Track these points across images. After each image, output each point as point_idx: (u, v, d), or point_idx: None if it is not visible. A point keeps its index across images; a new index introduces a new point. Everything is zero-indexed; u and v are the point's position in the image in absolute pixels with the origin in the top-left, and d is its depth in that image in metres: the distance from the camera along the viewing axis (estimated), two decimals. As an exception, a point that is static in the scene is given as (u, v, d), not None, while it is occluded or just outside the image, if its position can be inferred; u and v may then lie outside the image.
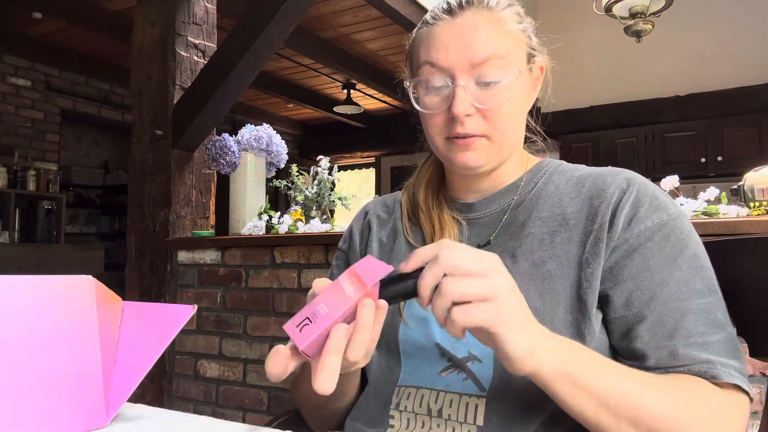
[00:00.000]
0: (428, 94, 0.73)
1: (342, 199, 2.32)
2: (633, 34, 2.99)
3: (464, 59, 0.70)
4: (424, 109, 0.74)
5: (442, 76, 0.71)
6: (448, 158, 0.74)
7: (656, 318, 0.63)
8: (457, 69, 0.70)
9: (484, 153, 0.72)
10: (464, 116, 0.70)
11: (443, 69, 0.71)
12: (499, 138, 0.72)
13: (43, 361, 0.53)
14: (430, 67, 0.72)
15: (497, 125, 0.71)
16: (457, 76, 0.70)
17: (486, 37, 0.70)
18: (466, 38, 0.70)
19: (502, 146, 0.73)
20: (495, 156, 0.74)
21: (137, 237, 2.44)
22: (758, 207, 1.59)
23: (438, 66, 0.71)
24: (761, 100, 4.50)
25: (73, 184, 6.12)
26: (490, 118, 0.71)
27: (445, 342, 0.71)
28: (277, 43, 2.33)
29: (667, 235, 0.66)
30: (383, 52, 5.17)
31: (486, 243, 0.75)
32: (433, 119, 0.73)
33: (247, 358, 2.15)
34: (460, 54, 0.70)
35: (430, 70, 0.72)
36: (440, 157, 0.77)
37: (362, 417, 0.75)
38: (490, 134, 0.71)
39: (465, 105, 0.69)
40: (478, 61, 0.69)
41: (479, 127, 0.71)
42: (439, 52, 0.71)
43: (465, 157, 0.72)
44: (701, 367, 0.60)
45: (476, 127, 0.71)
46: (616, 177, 0.71)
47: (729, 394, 0.60)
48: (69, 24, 4.44)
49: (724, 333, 0.63)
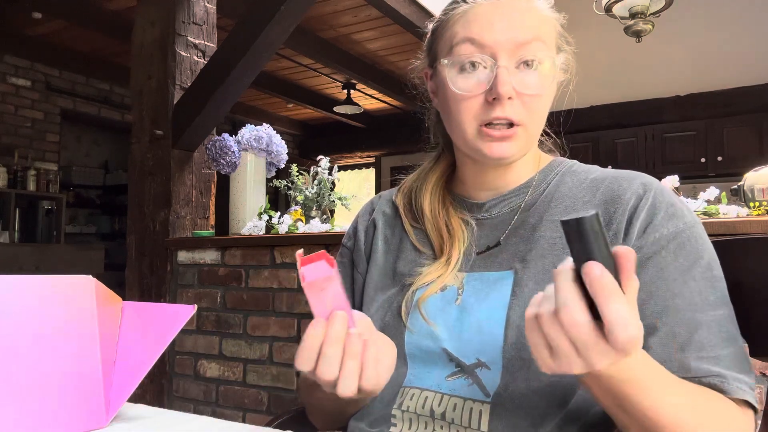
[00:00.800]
0: (462, 74, 0.69)
1: (342, 199, 2.32)
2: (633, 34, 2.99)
3: (510, 37, 0.67)
4: (458, 91, 0.69)
5: (483, 55, 0.68)
6: (479, 148, 0.70)
7: (668, 329, 0.62)
8: (500, 48, 0.67)
9: (518, 142, 0.70)
10: (507, 98, 0.67)
11: (486, 47, 0.68)
12: (533, 128, 0.71)
13: (43, 361, 0.53)
14: (471, 45, 0.68)
15: (534, 113, 0.69)
16: (499, 56, 0.67)
17: (531, 19, 0.69)
18: (512, 18, 0.68)
19: (533, 137, 0.72)
20: (525, 147, 0.72)
21: (137, 237, 2.44)
22: (758, 207, 1.59)
23: (480, 43, 0.68)
24: (761, 100, 4.50)
25: (73, 184, 6.12)
26: (528, 105, 0.69)
27: (453, 348, 0.70)
28: (277, 43, 2.33)
29: (682, 244, 0.65)
30: (383, 52, 5.17)
31: (496, 245, 0.74)
32: (466, 103, 0.69)
33: (247, 358, 2.15)
34: (506, 33, 0.68)
35: (470, 49, 0.69)
36: (467, 146, 0.73)
37: (366, 417, 0.74)
38: (526, 122, 0.69)
39: (509, 86, 0.66)
40: (522, 40, 0.67)
41: (518, 113, 0.68)
42: (483, 29, 0.68)
43: (501, 148, 0.69)
44: (713, 380, 0.59)
45: (515, 112, 0.68)
46: (633, 182, 0.69)
47: (739, 409, 0.60)
48: (69, 24, 4.44)
49: (736, 346, 0.62)
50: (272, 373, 2.09)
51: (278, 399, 2.08)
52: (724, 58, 4.59)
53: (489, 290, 0.71)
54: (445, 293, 0.74)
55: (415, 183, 0.84)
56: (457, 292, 0.73)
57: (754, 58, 4.50)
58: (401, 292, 0.76)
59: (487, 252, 0.74)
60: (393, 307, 0.75)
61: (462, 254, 0.75)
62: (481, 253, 0.75)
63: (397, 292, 0.77)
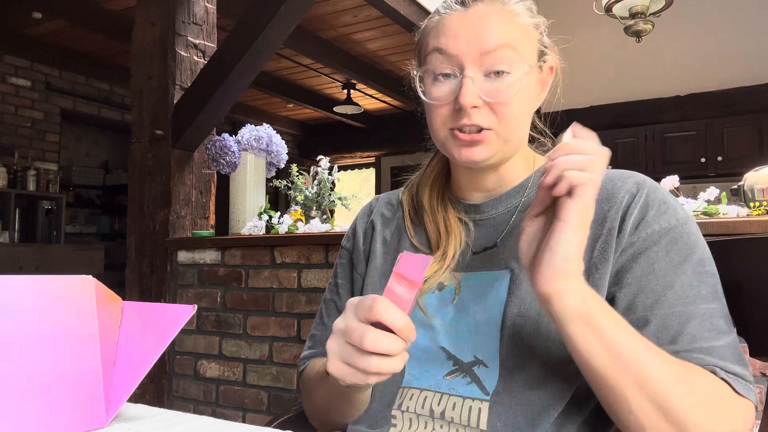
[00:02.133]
0: (435, 84, 0.72)
1: (342, 199, 2.32)
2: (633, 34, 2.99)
3: (474, 47, 0.69)
4: (430, 100, 0.72)
5: (450, 64, 0.70)
6: (451, 152, 0.73)
7: (660, 322, 0.62)
8: (466, 58, 0.69)
9: (489, 146, 0.71)
10: (471, 107, 0.68)
11: (452, 57, 0.70)
12: (505, 132, 0.71)
13: (43, 361, 0.53)
14: (439, 54, 0.71)
15: (504, 119, 0.70)
16: (465, 66, 0.69)
17: (497, 27, 0.70)
18: (477, 27, 0.69)
19: (507, 141, 0.72)
20: (500, 150, 0.72)
21: (137, 237, 2.44)
22: (758, 207, 1.59)
23: (447, 53, 0.70)
24: (761, 100, 4.50)
25: (73, 184, 6.12)
26: (498, 112, 0.70)
27: (450, 346, 0.70)
28: (277, 43, 2.33)
29: (674, 239, 0.65)
30: (383, 52, 5.17)
31: (492, 246, 0.74)
32: (438, 110, 0.71)
33: (247, 358, 2.15)
34: (470, 42, 0.69)
35: (438, 58, 0.71)
36: (443, 150, 0.75)
37: (365, 419, 0.74)
38: (496, 127, 0.70)
39: (472, 96, 0.68)
40: (487, 48, 0.68)
41: (486, 120, 0.69)
42: (449, 39, 0.70)
43: (470, 152, 0.71)
44: (707, 369, 0.60)
45: (483, 119, 0.69)
46: (626, 181, 0.70)
47: (736, 395, 0.60)
48: (69, 24, 4.44)
49: (729, 339, 0.62)
50: (272, 373, 2.09)
51: (278, 399, 2.08)
52: (724, 58, 4.59)
53: (486, 289, 0.71)
54: (443, 293, 0.74)
55: (416, 179, 0.86)
56: (454, 291, 0.73)
57: (754, 58, 4.49)
58: None
59: (484, 252, 0.75)
60: None
61: (459, 253, 0.76)
62: (478, 253, 0.75)
63: None
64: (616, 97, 5.01)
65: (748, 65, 4.51)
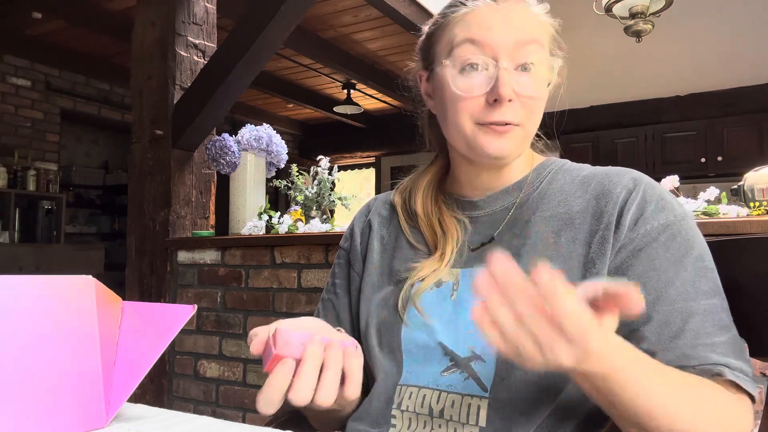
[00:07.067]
0: (464, 75, 0.70)
1: (342, 199, 2.33)
2: (633, 34, 2.99)
3: (510, 38, 0.68)
4: (459, 91, 0.70)
5: (484, 56, 0.69)
6: (477, 145, 0.71)
7: (662, 318, 0.62)
8: (501, 49, 0.68)
9: (514, 142, 0.71)
10: (507, 100, 0.68)
11: (487, 47, 0.69)
12: (530, 128, 0.72)
13: (42, 361, 0.53)
14: (472, 45, 0.69)
15: (532, 114, 0.70)
16: (500, 57, 0.68)
17: (529, 22, 0.71)
18: (511, 19, 0.70)
19: (529, 137, 0.73)
20: (521, 146, 0.73)
21: (137, 237, 2.44)
22: (758, 207, 1.59)
23: (482, 44, 0.69)
24: (761, 100, 4.50)
25: (73, 184, 6.12)
26: (527, 106, 0.70)
27: (448, 341, 0.70)
28: (277, 43, 2.33)
29: (672, 235, 0.66)
30: (383, 52, 5.17)
31: (489, 240, 0.75)
32: (465, 103, 0.70)
33: (247, 358, 2.15)
34: (506, 34, 0.69)
35: (470, 49, 0.69)
36: (462, 144, 0.73)
37: (365, 417, 0.74)
38: (524, 123, 0.70)
39: (509, 88, 0.67)
40: (522, 42, 0.68)
41: (516, 115, 0.69)
42: (483, 30, 0.69)
43: (499, 145, 0.70)
44: (711, 368, 0.60)
45: (513, 114, 0.69)
46: (623, 177, 0.71)
47: (736, 397, 0.60)
48: (69, 24, 4.44)
49: (730, 334, 0.62)
50: (272, 373, 2.08)
51: (278, 399, 2.07)
52: (724, 58, 4.59)
53: None
54: (441, 289, 0.74)
55: (409, 183, 0.86)
56: (452, 287, 0.74)
57: (754, 58, 4.49)
58: (397, 288, 0.77)
59: (481, 248, 0.75)
60: (389, 303, 0.77)
61: (456, 250, 0.76)
62: (475, 249, 0.76)
63: (394, 288, 0.78)
64: (616, 97, 5.02)
65: (748, 65, 4.51)
